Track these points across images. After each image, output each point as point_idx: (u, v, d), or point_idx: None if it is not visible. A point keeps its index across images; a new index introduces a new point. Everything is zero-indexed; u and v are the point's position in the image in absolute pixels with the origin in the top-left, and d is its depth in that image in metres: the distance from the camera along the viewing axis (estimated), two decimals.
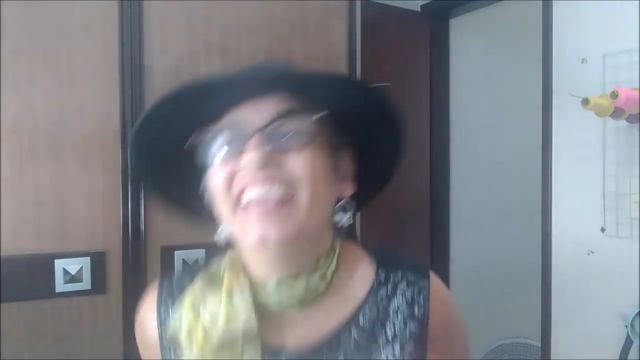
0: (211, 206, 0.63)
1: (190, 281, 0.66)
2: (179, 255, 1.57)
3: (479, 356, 2.49)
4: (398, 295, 0.66)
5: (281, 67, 0.64)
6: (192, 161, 0.63)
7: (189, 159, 0.63)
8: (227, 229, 0.63)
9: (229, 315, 0.60)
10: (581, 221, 1.58)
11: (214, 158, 0.61)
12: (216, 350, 0.60)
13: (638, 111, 1.35)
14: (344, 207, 0.66)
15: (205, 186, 0.64)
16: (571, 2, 1.60)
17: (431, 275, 0.68)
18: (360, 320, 0.64)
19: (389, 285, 0.66)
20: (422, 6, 2.81)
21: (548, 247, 1.68)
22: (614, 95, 1.31)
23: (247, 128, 0.59)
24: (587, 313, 1.56)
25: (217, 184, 0.60)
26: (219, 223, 0.64)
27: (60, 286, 1.43)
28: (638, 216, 1.42)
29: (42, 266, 1.42)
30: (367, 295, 0.65)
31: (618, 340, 1.42)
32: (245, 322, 0.60)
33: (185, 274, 0.70)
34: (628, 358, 1.40)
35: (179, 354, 0.64)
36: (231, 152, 0.60)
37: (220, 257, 0.68)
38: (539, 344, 1.74)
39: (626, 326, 1.39)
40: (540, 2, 1.71)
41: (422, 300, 0.65)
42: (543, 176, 1.69)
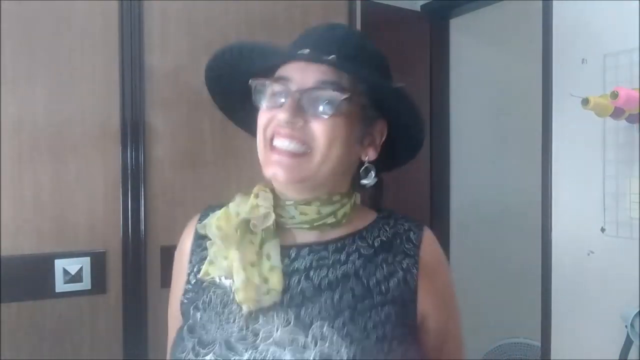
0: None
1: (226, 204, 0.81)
2: None
3: (479, 356, 2.49)
4: (397, 226, 0.81)
5: (337, 45, 0.75)
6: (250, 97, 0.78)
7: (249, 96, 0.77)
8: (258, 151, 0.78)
9: (253, 204, 0.76)
10: (581, 221, 1.58)
11: (262, 103, 0.75)
12: (236, 231, 0.74)
13: (638, 111, 1.35)
14: (367, 169, 0.79)
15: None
16: (571, 2, 1.60)
17: (426, 227, 0.83)
18: (363, 233, 0.80)
19: (390, 220, 0.82)
20: (422, 6, 2.81)
21: (548, 247, 1.67)
22: (614, 95, 1.31)
23: (291, 87, 0.72)
24: (587, 313, 1.56)
25: (259, 124, 0.76)
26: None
27: (60, 286, 1.43)
28: (638, 216, 1.42)
29: (42, 266, 1.42)
30: (369, 224, 0.81)
31: (618, 340, 1.42)
32: (265, 209, 0.75)
33: (220, 204, 0.84)
34: (628, 358, 1.40)
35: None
36: (274, 103, 0.74)
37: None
38: (539, 344, 1.74)
39: (626, 326, 1.39)
40: (540, 2, 1.71)
41: (416, 233, 0.80)
42: (543, 176, 1.69)
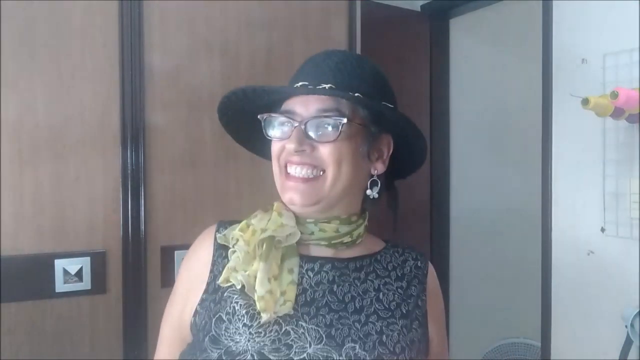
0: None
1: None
2: (179, 255, 1.57)
3: (479, 356, 2.49)
4: (405, 254, 0.90)
5: (332, 78, 0.80)
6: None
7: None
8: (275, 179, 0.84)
9: (277, 222, 0.80)
10: (581, 221, 1.58)
11: (271, 134, 0.82)
12: (261, 245, 0.78)
13: (638, 111, 1.35)
14: (374, 181, 0.85)
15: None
16: (571, 2, 1.60)
17: (429, 262, 0.92)
18: (378, 257, 0.87)
19: (398, 248, 0.91)
20: (422, 6, 2.81)
21: (548, 247, 1.67)
22: (614, 95, 1.31)
23: (295, 118, 0.79)
24: (587, 313, 1.56)
25: (273, 154, 0.83)
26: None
27: (60, 286, 1.43)
28: (638, 216, 1.42)
29: (42, 266, 1.42)
30: (382, 249, 0.89)
31: (618, 340, 1.42)
32: (291, 228, 0.80)
33: (237, 220, 0.88)
34: (628, 358, 1.40)
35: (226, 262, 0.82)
36: (283, 134, 0.81)
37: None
38: (539, 344, 1.74)
39: (626, 326, 1.39)
40: (540, 2, 1.71)
41: (422, 263, 0.90)
42: (543, 176, 1.69)
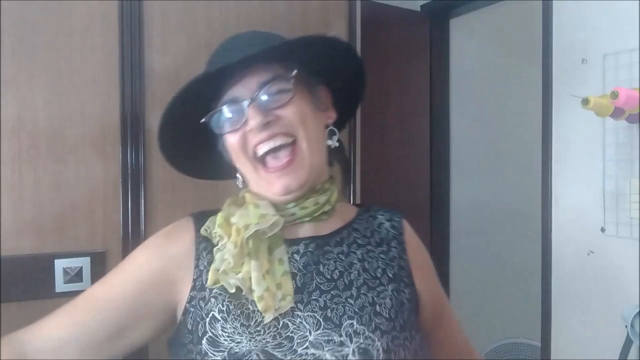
0: (230, 166, 0.84)
1: (216, 211, 0.84)
2: None
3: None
4: (379, 217, 0.90)
5: (259, 43, 0.78)
6: (208, 137, 0.83)
7: (205, 136, 0.82)
8: (246, 179, 0.83)
9: (257, 214, 0.78)
10: (581, 221, 1.58)
11: (225, 126, 0.79)
12: (247, 242, 0.77)
13: (638, 111, 1.35)
14: (332, 130, 0.85)
15: (222, 150, 0.84)
16: (571, 2, 1.60)
17: (403, 219, 0.92)
18: (354, 225, 0.87)
19: (370, 212, 0.91)
20: (422, 6, 2.81)
21: (548, 247, 1.67)
22: (614, 95, 1.31)
23: (241, 100, 0.77)
24: (587, 313, 1.56)
25: (234, 145, 0.79)
26: (237, 175, 0.85)
27: (60, 286, 1.43)
28: (638, 216, 1.42)
29: (42, 266, 1.42)
30: (356, 216, 0.89)
31: (618, 340, 1.42)
32: (273, 217, 0.78)
33: (210, 211, 0.87)
34: (628, 358, 1.40)
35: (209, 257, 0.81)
36: (236, 119, 0.77)
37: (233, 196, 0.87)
38: (539, 344, 1.74)
39: (626, 326, 1.39)
40: (540, 2, 1.71)
41: (397, 222, 0.90)
42: (543, 176, 1.69)
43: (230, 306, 0.76)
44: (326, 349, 0.73)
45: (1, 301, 1.36)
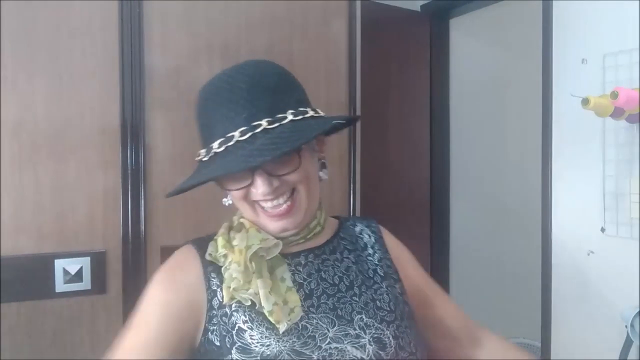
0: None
1: (212, 236, 0.90)
2: None
3: None
4: (357, 225, 0.99)
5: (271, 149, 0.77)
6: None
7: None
8: (242, 213, 0.88)
9: (259, 237, 0.84)
10: (581, 221, 1.58)
11: (228, 185, 0.83)
12: (250, 263, 0.81)
13: (638, 111, 1.35)
14: (323, 164, 0.90)
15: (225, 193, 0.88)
16: (571, 2, 1.60)
17: (378, 224, 1.01)
18: (341, 234, 0.95)
19: (349, 222, 1.00)
20: (422, 6, 2.81)
21: (548, 247, 1.67)
22: (614, 95, 1.31)
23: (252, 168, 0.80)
24: (587, 313, 1.56)
25: (237, 196, 0.84)
26: (227, 195, 0.88)
27: (60, 286, 1.43)
28: (638, 216, 1.42)
29: (42, 266, 1.42)
30: (339, 227, 0.98)
31: (618, 340, 1.42)
32: (273, 240, 0.84)
33: (207, 237, 0.92)
34: (628, 358, 1.40)
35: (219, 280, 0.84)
36: (242, 182, 0.81)
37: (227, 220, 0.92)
38: (539, 344, 1.74)
39: (626, 326, 1.39)
40: (540, 2, 1.71)
41: (374, 227, 0.99)
42: (543, 176, 1.69)
43: (252, 315, 0.81)
44: (346, 342, 0.81)
45: (1, 301, 1.37)
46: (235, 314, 0.82)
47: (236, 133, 0.77)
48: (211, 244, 0.87)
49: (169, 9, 1.57)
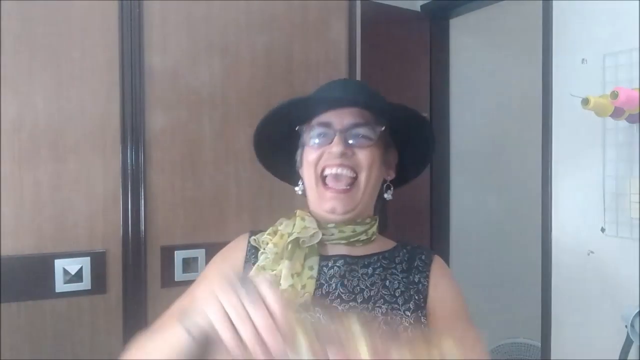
0: (298, 172, 0.99)
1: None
2: (179, 255, 1.57)
3: None
4: (412, 252, 0.98)
5: (363, 93, 0.96)
6: (291, 142, 0.99)
7: (289, 142, 0.99)
8: (306, 188, 0.96)
9: (301, 225, 0.91)
10: (581, 221, 1.58)
11: (311, 142, 0.93)
12: (287, 246, 0.89)
13: (638, 111, 1.35)
14: (388, 186, 0.99)
15: (299, 159, 0.98)
16: (571, 2, 1.60)
17: (436, 254, 1.00)
18: (386, 254, 0.96)
19: (407, 247, 0.99)
20: (422, 6, 2.81)
21: (548, 247, 1.67)
22: (614, 95, 1.31)
23: (335, 128, 0.91)
24: (587, 313, 1.56)
25: (310, 159, 0.93)
26: (298, 183, 1.00)
27: (60, 286, 1.44)
28: (638, 216, 1.42)
29: (42, 266, 1.42)
30: (392, 248, 0.99)
31: (618, 340, 1.42)
32: (314, 229, 0.91)
33: (266, 230, 0.98)
34: (628, 358, 1.40)
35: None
36: (322, 142, 0.92)
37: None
38: (539, 344, 1.74)
39: (626, 326, 1.39)
40: (540, 2, 1.71)
41: (427, 256, 0.97)
42: (543, 176, 1.69)
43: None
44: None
45: (1, 301, 1.37)
46: None
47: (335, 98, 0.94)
48: (261, 233, 0.96)
49: (169, 9, 1.57)
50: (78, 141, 1.46)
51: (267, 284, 0.60)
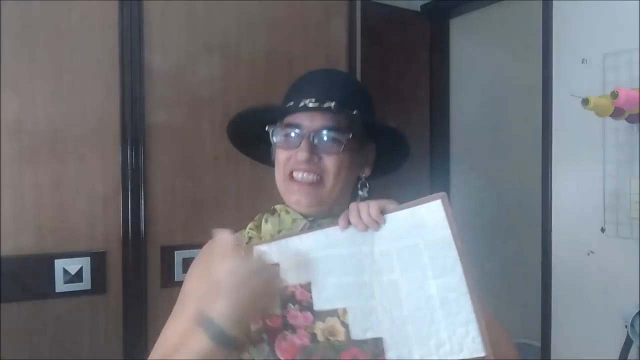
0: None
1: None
2: (179, 255, 1.57)
3: None
4: None
5: (340, 89, 0.94)
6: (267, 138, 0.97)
7: (265, 137, 0.96)
8: (277, 179, 0.95)
9: (289, 219, 0.92)
10: (581, 221, 1.58)
11: (280, 142, 0.92)
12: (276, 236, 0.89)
13: (638, 111, 1.35)
14: (363, 183, 0.98)
15: (273, 155, 0.97)
16: (571, 2, 1.60)
17: None
18: None
19: None
20: (422, 6, 2.81)
21: (548, 247, 1.67)
22: (614, 95, 1.31)
23: (303, 131, 0.89)
24: (587, 313, 1.56)
25: (279, 159, 0.93)
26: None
27: (60, 286, 1.44)
28: (638, 216, 1.42)
29: (42, 266, 1.42)
30: None
31: (618, 340, 1.42)
32: (302, 221, 0.91)
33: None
34: (628, 358, 1.40)
35: None
36: (290, 144, 0.91)
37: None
38: (539, 344, 1.74)
39: (626, 326, 1.39)
40: (540, 2, 1.71)
41: None
42: (543, 176, 1.69)
43: None
44: None
45: (1, 301, 1.37)
46: None
47: (307, 100, 0.90)
48: (242, 231, 0.96)
49: (169, 9, 1.57)
50: (78, 141, 1.46)
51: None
